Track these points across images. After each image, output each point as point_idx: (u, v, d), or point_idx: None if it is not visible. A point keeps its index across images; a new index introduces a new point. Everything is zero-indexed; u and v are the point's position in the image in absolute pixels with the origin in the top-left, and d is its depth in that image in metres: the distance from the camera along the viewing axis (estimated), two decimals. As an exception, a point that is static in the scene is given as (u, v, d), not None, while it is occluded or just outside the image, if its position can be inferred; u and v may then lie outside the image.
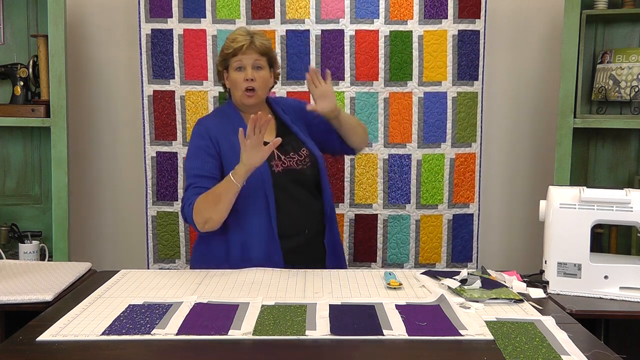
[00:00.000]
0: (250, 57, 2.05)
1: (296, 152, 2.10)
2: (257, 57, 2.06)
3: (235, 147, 1.95)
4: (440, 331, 1.38)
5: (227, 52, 2.07)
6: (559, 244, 1.77)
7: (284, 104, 2.25)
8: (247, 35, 2.07)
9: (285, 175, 2.05)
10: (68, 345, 1.32)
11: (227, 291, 1.68)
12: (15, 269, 1.95)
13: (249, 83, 2.05)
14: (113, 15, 3.05)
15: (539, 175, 3.10)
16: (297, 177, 2.07)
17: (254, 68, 2.06)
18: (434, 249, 2.85)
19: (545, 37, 3.06)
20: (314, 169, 2.11)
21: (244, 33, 2.08)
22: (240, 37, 2.06)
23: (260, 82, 2.07)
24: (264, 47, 2.08)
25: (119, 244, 3.15)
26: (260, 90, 2.08)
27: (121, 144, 3.12)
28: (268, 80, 2.11)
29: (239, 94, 2.08)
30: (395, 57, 2.78)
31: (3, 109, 2.78)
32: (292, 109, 2.23)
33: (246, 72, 2.05)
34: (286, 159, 2.08)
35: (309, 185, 2.11)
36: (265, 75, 2.09)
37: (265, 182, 2.01)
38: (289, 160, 2.08)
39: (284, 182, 2.04)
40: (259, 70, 2.07)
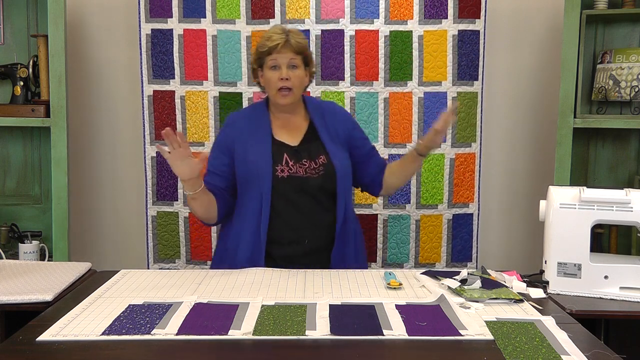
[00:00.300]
0: (285, 56, 2.02)
1: (312, 159, 2.04)
2: (293, 55, 2.02)
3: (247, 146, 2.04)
4: (440, 331, 1.38)
5: (262, 51, 2.04)
6: (559, 244, 1.77)
7: (327, 110, 2.17)
8: (283, 34, 2.03)
9: (288, 182, 2.01)
10: (68, 345, 1.32)
11: (227, 291, 1.68)
12: (15, 269, 1.95)
13: (284, 82, 2.01)
14: (113, 15, 3.05)
15: (539, 175, 3.10)
16: (301, 185, 2.02)
17: (289, 67, 2.02)
18: (433, 248, 2.85)
19: (545, 37, 3.06)
20: (326, 179, 2.03)
21: (280, 31, 2.05)
22: (275, 36, 2.03)
23: (296, 81, 2.03)
24: (299, 45, 2.03)
25: (119, 244, 3.15)
26: (296, 89, 2.04)
27: (121, 144, 3.12)
28: (303, 80, 2.07)
29: (273, 93, 2.05)
30: (395, 57, 2.78)
31: (3, 109, 2.78)
32: (337, 118, 2.15)
33: (281, 71, 2.01)
34: (295, 165, 2.03)
35: (316, 195, 2.03)
36: (300, 74, 2.04)
37: (264, 185, 2.00)
38: (297, 166, 2.03)
39: (285, 188, 2.01)
40: (294, 70, 2.03)
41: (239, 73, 2.80)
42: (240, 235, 2.05)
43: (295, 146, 2.06)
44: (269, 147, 2.04)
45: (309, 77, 2.13)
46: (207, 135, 2.82)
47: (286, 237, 2.02)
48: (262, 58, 2.06)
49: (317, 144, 2.08)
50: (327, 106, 2.21)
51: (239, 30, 2.78)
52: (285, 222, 2.02)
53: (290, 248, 2.02)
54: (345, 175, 2.07)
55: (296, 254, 2.01)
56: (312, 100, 2.20)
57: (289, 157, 2.03)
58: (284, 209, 2.02)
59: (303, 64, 2.06)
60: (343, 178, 2.05)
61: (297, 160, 2.03)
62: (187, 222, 2.85)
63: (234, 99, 2.81)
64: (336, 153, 2.07)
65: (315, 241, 2.04)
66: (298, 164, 2.03)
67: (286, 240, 2.02)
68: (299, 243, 2.02)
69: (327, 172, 2.04)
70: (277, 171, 2.01)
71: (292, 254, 2.02)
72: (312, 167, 2.03)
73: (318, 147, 2.07)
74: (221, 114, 2.81)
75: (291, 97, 2.04)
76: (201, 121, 2.82)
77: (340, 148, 2.10)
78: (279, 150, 2.05)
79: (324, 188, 2.03)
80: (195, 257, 2.87)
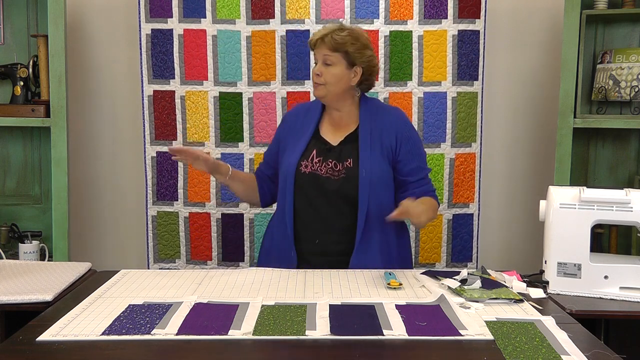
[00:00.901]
0: (321, 52, 2.04)
1: (339, 161, 2.03)
2: (327, 52, 2.03)
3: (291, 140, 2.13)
4: (440, 331, 1.38)
5: (309, 47, 2.12)
6: (559, 244, 1.77)
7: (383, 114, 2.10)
8: (325, 30, 2.06)
9: (309, 179, 2.03)
10: (68, 345, 1.32)
11: (227, 291, 1.68)
12: (15, 269, 1.95)
13: (316, 78, 2.04)
14: (113, 15, 3.05)
15: (539, 175, 3.10)
16: (319, 185, 2.02)
17: (323, 64, 2.04)
18: (433, 248, 2.85)
19: (545, 37, 3.06)
20: (346, 184, 2.00)
21: (326, 27, 2.07)
22: (318, 32, 2.08)
23: (328, 77, 2.02)
24: (334, 42, 2.01)
25: (119, 244, 3.15)
26: (330, 85, 2.03)
27: (121, 144, 3.12)
28: (339, 77, 2.03)
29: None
30: (395, 57, 2.78)
31: (3, 109, 2.78)
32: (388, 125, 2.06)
33: (316, 66, 2.06)
34: (318, 162, 2.04)
35: (334, 197, 2.01)
36: (334, 71, 2.02)
37: (287, 179, 2.05)
38: (321, 165, 2.03)
39: (305, 185, 2.03)
40: (328, 67, 2.03)
41: (239, 73, 2.80)
42: (273, 229, 2.15)
43: (332, 145, 2.07)
44: (304, 143, 2.08)
45: (360, 76, 2.06)
46: (207, 135, 2.82)
47: (304, 233, 2.04)
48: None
49: (352, 146, 2.05)
50: (386, 110, 2.15)
51: (239, 30, 2.78)
52: (302, 217, 2.04)
53: (305, 245, 2.04)
54: (371, 183, 1.99)
55: (313, 252, 2.03)
56: (371, 102, 2.15)
57: (317, 153, 2.04)
58: (302, 206, 2.04)
59: (344, 62, 2.03)
60: (367, 185, 1.98)
61: (325, 159, 2.04)
62: (187, 222, 2.85)
63: (234, 99, 2.81)
64: (368, 159, 2.01)
65: (328, 244, 2.02)
66: (324, 163, 2.03)
67: (304, 237, 2.04)
68: (311, 242, 2.04)
69: (349, 177, 2.00)
70: (302, 166, 2.04)
71: (306, 252, 2.04)
72: (337, 169, 2.02)
73: (351, 150, 2.04)
74: (221, 114, 2.81)
75: (322, 91, 2.04)
76: (201, 121, 2.82)
77: (377, 155, 2.03)
78: (313, 146, 2.07)
79: (341, 192, 2.00)
80: (195, 257, 2.87)
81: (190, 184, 2.84)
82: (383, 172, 2.03)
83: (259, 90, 2.80)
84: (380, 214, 1.99)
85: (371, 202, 1.99)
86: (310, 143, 2.08)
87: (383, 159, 2.04)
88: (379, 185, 2.01)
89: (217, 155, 2.82)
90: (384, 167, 2.04)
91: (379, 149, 2.04)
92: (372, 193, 2.00)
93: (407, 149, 2.07)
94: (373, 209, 2.00)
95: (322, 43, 2.03)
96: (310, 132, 2.10)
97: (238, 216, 2.84)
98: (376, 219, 2.01)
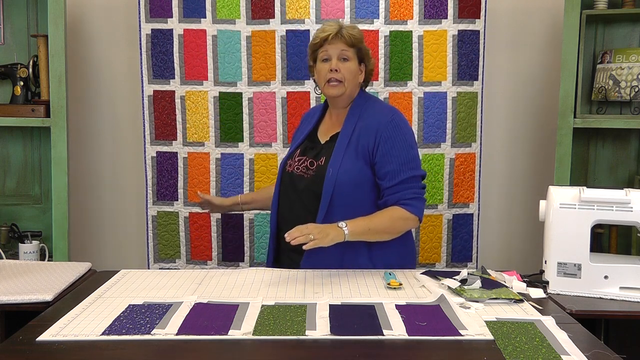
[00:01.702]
0: (336, 47, 1.99)
1: (314, 159, 2.02)
2: (344, 47, 1.99)
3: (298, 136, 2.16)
4: (440, 331, 1.38)
5: (315, 43, 2.03)
6: (559, 244, 1.77)
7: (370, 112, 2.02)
8: (336, 26, 2.01)
9: (289, 177, 2.06)
10: (68, 345, 1.32)
11: (227, 291, 1.68)
12: (15, 269, 1.95)
13: (333, 74, 1.98)
14: (113, 15, 3.05)
15: (539, 175, 3.10)
16: (295, 182, 2.04)
17: (339, 59, 1.99)
18: (433, 249, 2.85)
19: (545, 37, 3.06)
20: (314, 181, 1.96)
21: (333, 24, 2.03)
22: (328, 27, 2.01)
23: (346, 73, 1.98)
24: (352, 37, 1.99)
25: (119, 244, 3.15)
26: (347, 82, 1.99)
27: (121, 144, 3.12)
28: (355, 73, 2.01)
29: (322, 85, 2.02)
30: (395, 57, 2.78)
31: (3, 109, 2.78)
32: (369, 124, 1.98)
33: (331, 62, 1.99)
34: (298, 161, 2.05)
35: (305, 195, 1.99)
36: (351, 67, 2.00)
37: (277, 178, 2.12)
38: (299, 163, 2.05)
39: (286, 183, 2.07)
40: (344, 62, 1.99)
41: (239, 73, 2.80)
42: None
43: (320, 144, 2.07)
44: (299, 143, 2.12)
45: (365, 74, 2.07)
46: (207, 135, 2.82)
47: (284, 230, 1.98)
48: (316, 52, 2.04)
49: (328, 145, 2.03)
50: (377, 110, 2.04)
51: (239, 30, 2.78)
52: (282, 216, 2.08)
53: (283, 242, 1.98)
54: (337, 182, 1.92)
55: (281, 249, 2.08)
56: (364, 101, 2.07)
57: (300, 152, 2.06)
58: (283, 204, 2.08)
59: (357, 58, 2.02)
60: (332, 185, 1.92)
61: (304, 158, 2.05)
62: (187, 222, 2.85)
63: (234, 99, 2.81)
64: (339, 158, 1.96)
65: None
66: (302, 161, 2.05)
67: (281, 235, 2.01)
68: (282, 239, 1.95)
69: (317, 175, 1.97)
70: (288, 165, 2.08)
71: (278, 249, 2.09)
72: (311, 167, 2.02)
73: (328, 148, 2.02)
74: (221, 114, 2.81)
75: (340, 89, 1.99)
76: (201, 121, 2.82)
77: (351, 155, 1.97)
78: (303, 145, 2.10)
79: (309, 190, 1.98)
80: (195, 257, 2.87)
81: (190, 184, 2.84)
82: (354, 172, 1.94)
83: (259, 90, 2.80)
84: (345, 215, 1.90)
85: (336, 201, 1.92)
86: (303, 143, 2.11)
87: (357, 159, 1.96)
88: (346, 184, 1.93)
89: (217, 155, 2.82)
90: (357, 167, 1.95)
91: (353, 149, 1.97)
92: (338, 192, 1.92)
93: (385, 150, 1.94)
94: (338, 209, 1.93)
95: (337, 38, 1.99)
96: (307, 132, 2.14)
97: (238, 216, 2.84)
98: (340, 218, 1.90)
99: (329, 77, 1.99)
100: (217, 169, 2.83)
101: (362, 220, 1.89)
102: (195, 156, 2.83)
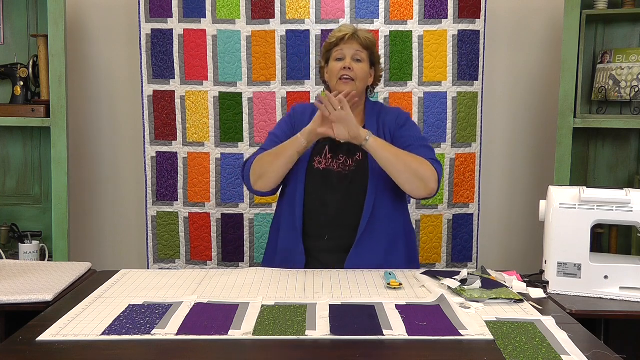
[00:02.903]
0: (352, 47, 2.03)
1: (349, 155, 2.03)
2: (359, 48, 2.04)
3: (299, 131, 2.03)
4: (440, 331, 1.38)
5: (330, 42, 2.07)
6: (559, 244, 1.77)
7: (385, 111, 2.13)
8: (352, 28, 2.06)
9: (322, 175, 2.02)
10: (68, 345, 1.32)
11: (227, 291, 1.68)
12: (15, 269, 1.95)
13: (346, 72, 2.01)
14: (113, 15, 3.05)
15: (539, 175, 3.10)
16: (331, 180, 2.01)
17: (353, 59, 2.03)
18: (434, 249, 2.85)
19: (545, 37, 3.06)
20: (357, 176, 2.00)
21: (349, 26, 2.09)
22: (344, 28, 2.07)
23: (359, 73, 2.03)
24: (367, 40, 2.05)
25: (119, 244, 3.15)
26: (358, 81, 2.03)
27: (121, 144, 3.12)
28: (367, 74, 2.07)
29: (334, 83, 2.04)
30: (395, 57, 2.78)
31: (3, 109, 2.78)
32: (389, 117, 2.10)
33: (345, 61, 2.03)
34: (332, 158, 2.03)
35: (344, 191, 2.00)
36: (364, 68, 2.05)
37: (298, 175, 2.02)
38: (334, 161, 2.03)
39: (317, 181, 2.02)
40: (358, 63, 2.04)
41: (239, 73, 2.80)
42: (281, 225, 2.08)
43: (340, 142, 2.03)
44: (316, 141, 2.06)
45: (374, 78, 2.13)
46: (207, 135, 2.82)
47: (312, 230, 2.02)
48: (330, 51, 2.08)
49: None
50: (389, 110, 2.16)
51: (239, 30, 2.78)
52: (311, 215, 2.02)
53: (314, 242, 2.01)
54: (380, 176, 1.98)
55: (318, 249, 2.01)
56: (376, 104, 2.16)
57: (329, 149, 2.04)
58: (312, 202, 2.02)
59: (369, 61, 2.07)
60: (376, 178, 1.99)
61: (336, 155, 2.03)
62: (187, 222, 2.85)
63: (234, 99, 2.81)
64: None
65: (337, 239, 2.00)
66: (335, 159, 2.03)
67: (313, 234, 2.02)
68: (321, 238, 2.01)
69: (359, 170, 2.01)
70: (315, 162, 2.03)
71: (314, 249, 2.01)
72: (348, 163, 2.02)
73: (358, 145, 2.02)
74: (221, 114, 2.81)
75: (352, 86, 2.01)
76: (201, 121, 2.82)
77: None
78: (323, 142, 2.05)
79: (352, 185, 2.00)
80: (195, 257, 2.87)
81: (190, 184, 2.84)
82: None
83: (259, 90, 2.80)
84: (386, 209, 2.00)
85: (378, 195, 1.99)
86: (319, 140, 2.04)
87: None
88: (388, 180, 1.99)
89: (217, 155, 2.82)
90: None
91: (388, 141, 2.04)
92: (380, 184, 2.00)
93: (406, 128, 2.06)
94: (380, 203, 2.00)
95: (353, 39, 2.04)
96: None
97: (238, 216, 2.84)
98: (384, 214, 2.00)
99: (342, 74, 2.02)
100: (217, 169, 2.83)
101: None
102: (195, 156, 2.83)
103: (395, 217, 2.06)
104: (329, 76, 2.09)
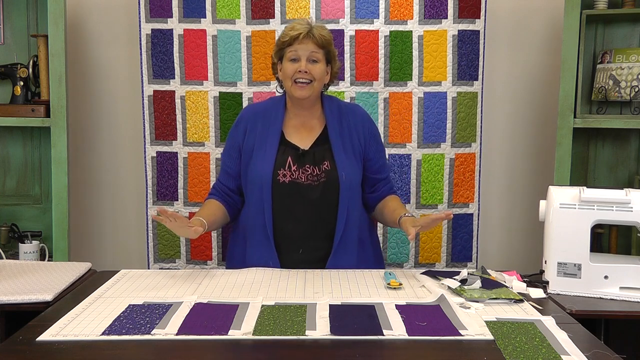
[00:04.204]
0: (306, 48, 1.94)
1: (315, 165, 1.95)
2: (314, 49, 1.95)
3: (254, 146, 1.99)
4: (440, 331, 1.38)
5: (284, 41, 1.97)
6: (559, 244, 1.77)
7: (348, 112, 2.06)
8: (307, 25, 1.97)
9: (289, 188, 1.94)
10: (68, 345, 1.32)
11: (227, 291, 1.68)
12: (15, 269, 1.95)
13: (302, 75, 1.94)
14: (113, 15, 3.05)
15: (539, 175, 3.10)
16: (300, 192, 1.94)
17: (309, 61, 1.95)
18: (433, 248, 2.85)
19: (545, 37, 3.06)
20: (328, 187, 1.94)
21: (304, 23, 1.98)
22: (298, 26, 1.96)
23: (316, 74, 1.95)
24: (322, 39, 1.96)
25: (119, 244, 3.15)
26: (316, 83, 1.96)
27: (121, 144, 3.12)
28: (323, 75, 1.99)
29: (288, 85, 1.97)
30: (395, 57, 2.78)
31: (3, 109, 2.78)
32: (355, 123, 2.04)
33: (300, 63, 1.94)
34: (297, 170, 1.94)
35: (316, 203, 1.94)
36: (321, 67, 1.97)
37: (264, 191, 1.94)
38: (299, 172, 1.95)
39: (285, 195, 1.95)
40: (314, 64, 1.96)
41: (239, 73, 2.80)
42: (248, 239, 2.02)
43: (304, 150, 1.98)
44: (274, 150, 1.97)
45: (331, 76, 2.06)
46: (207, 135, 2.82)
47: (285, 245, 1.98)
48: (283, 49, 1.99)
49: (324, 148, 1.99)
50: (349, 108, 2.09)
51: (239, 30, 2.78)
52: (282, 230, 1.97)
53: (289, 256, 1.97)
54: (350, 186, 1.95)
55: (294, 262, 1.95)
56: (332, 101, 2.09)
57: (292, 160, 1.95)
58: (282, 217, 1.96)
59: (325, 60, 2.00)
60: (347, 189, 1.94)
61: (301, 165, 1.95)
62: (187, 222, 2.85)
63: (234, 99, 2.81)
64: (344, 160, 1.97)
65: (311, 252, 1.97)
66: (301, 169, 1.95)
67: (286, 249, 1.98)
68: (295, 252, 1.97)
69: (329, 181, 1.95)
70: (279, 175, 1.94)
71: (289, 262, 1.96)
72: (315, 173, 1.95)
73: (325, 152, 1.98)
74: (221, 114, 2.81)
75: (308, 90, 1.95)
76: (201, 121, 2.82)
77: (351, 155, 2.00)
78: (285, 152, 1.97)
79: (324, 197, 1.94)
80: (195, 257, 2.87)
81: (190, 184, 2.84)
82: (358, 173, 2.01)
83: (259, 90, 2.80)
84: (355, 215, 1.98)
85: (351, 203, 1.96)
86: (280, 149, 1.97)
87: (356, 160, 2.01)
88: (357, 187, 1.99)
89: (217, 155, 2.82)
90: (358, 168, 2.01)
91: (351, 150, 2.00)
92: (351, 195, 1.96)
93: (376, 147, 2.07)
94: (351, 211, 1.97)
95: (308, 38, 1.95)
96: (277, 138, 1.99)
97: (238, 216, 2.84)
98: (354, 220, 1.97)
99: (296, 77, 1.95)
100: (217, 169, 2.83)
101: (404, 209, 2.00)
102: (195, 156, 2.83)
103: (363, 220, 2.05)
104: (283, 76, 2.01)
